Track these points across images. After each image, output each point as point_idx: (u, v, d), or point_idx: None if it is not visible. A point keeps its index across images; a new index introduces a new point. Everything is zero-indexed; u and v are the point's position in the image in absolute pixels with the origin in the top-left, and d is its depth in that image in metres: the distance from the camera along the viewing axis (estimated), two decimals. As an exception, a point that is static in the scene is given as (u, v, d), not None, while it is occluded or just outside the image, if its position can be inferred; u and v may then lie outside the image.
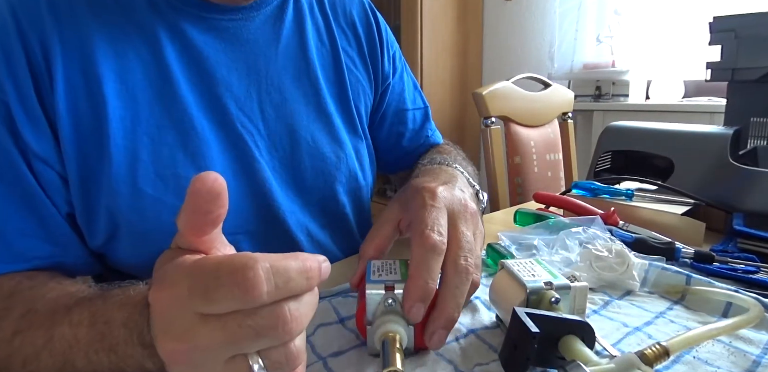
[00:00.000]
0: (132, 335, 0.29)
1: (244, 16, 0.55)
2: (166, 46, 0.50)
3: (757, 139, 0.78)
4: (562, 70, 2.13)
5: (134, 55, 0.49)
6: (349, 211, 0.65)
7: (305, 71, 0.60)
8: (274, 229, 0.57)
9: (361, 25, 0.67)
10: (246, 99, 0.55)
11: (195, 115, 0.51)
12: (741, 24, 0.76)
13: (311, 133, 0.59)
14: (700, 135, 0.73)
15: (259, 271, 0.23)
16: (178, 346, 0.25)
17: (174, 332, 0.25)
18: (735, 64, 0.77)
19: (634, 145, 0.78)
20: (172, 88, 0.50)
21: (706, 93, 1.84)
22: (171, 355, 0.26)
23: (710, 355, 0.35)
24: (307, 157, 0.59)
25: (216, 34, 0.53)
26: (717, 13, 0.81)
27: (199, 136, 0.51)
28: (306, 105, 0.59)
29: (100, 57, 0.47)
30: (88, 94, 0.46)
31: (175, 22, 0.51)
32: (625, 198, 0.67)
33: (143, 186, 0.48)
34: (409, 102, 0.74)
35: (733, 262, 0.50)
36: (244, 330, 0.24)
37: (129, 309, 0.31)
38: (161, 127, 0.49)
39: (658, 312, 0.42)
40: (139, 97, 0.49)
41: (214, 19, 0.53)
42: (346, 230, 0.66)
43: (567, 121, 1.50)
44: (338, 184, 0.62)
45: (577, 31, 2.08)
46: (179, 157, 0.50)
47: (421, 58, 2.21)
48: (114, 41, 0.48)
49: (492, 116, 1.23)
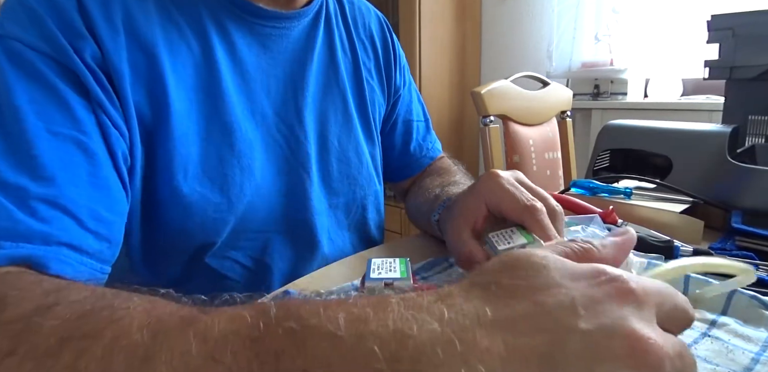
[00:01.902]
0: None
1: (287, 25, 0.56)
2: (215, 43, 0.50)
3: (755, 137, 0.78)
4: (561, 68, 2.13)
5: (186, 48, 0.48)
6: (370, 214, 0.67)
7: (334, 79, 0.62)
8: (302, 230, 0.59)
9: (378, 39, 0.69)
10: (283, 105, 0.56)
11: (240, 117, 0.52)
12: (739, 22, 0.76)
13: (338, 138, 0.62)
14: (699, 133, 0.73)
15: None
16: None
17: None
18: (733, 63, 0.77)
19: (633, 144, 0.78)
20: (220, 87, 0.50)
21: (705, 91, 1.84)
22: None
23: (709, 353, 0.35)
24: (335, 162, 0.61)
25: (258, 40, 0.54)
26: (715, 11, 0.81)
27: (244, 137, 0.52)
28: (335, 112, 0.62)
29: (160, 44, 0.46)
30: (150, 80, 0.45)
31: (223, 21, 0.51)
32: (624, 196, 0.67)
33: (192, 182, 0.48)
34: (415, 114, 0.77)
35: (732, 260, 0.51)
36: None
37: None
38: (210, 124, 0.50)
39: (657, 310, 0.42)
40: (191, 92, 0.49)
41: (259, 24, 0.54)
42: (364, 233, 0.68)
43: (565, 120, 1.50)
44: (360, 188, 0.65)
45: (576, 29, 2.08)
46: (226, 156, 0.50)
47: (420, 57, 2.21)
48: (169, 30, 0.47)
49: (490, 115, 1.23)
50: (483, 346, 0.19)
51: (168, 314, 0.23)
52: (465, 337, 0.19)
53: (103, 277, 0.38)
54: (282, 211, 0.57)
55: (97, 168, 0.39)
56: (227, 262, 0.55)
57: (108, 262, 0.39)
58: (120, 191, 0.42)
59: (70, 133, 0.38)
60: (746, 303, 0.41)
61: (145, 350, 0.21)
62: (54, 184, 0.35)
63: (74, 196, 0.36)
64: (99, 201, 0.38)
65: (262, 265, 0.57)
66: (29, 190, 0.34)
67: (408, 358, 0.18)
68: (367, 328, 0.19)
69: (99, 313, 0.23)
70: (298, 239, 0.59)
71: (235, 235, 0.53)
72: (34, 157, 0.35)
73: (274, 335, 0.20)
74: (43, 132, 0.37)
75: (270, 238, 0.56)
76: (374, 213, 0.68)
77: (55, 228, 0.34)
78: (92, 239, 0.37)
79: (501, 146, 1.27)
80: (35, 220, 0.34)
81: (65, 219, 0.35)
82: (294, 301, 0.22)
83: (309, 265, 0.60)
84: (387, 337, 0.19)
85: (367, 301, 0.21)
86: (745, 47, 0.76)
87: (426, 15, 2.20)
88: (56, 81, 0.39)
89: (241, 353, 0.20)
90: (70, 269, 0.34)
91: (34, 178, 0.35)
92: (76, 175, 0.37)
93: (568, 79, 2.11)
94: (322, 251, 0.61)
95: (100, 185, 0.39)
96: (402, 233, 2.30)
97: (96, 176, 0.39)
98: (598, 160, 0.81)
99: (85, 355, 0.21)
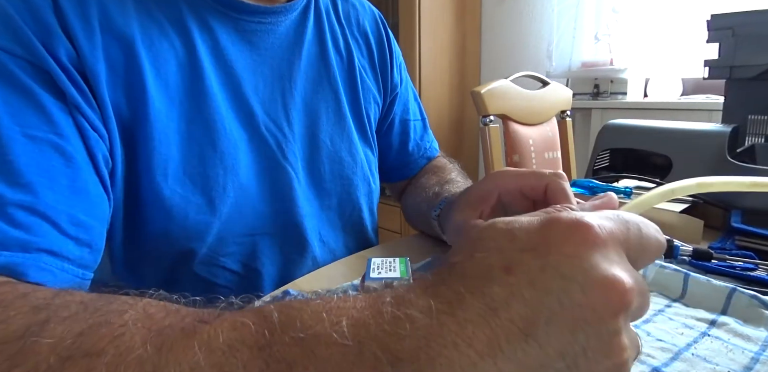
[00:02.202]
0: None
1: (273, 20, 0.55)
2: (198, 40, 0.49)
3: (755, 136, 0.78)
4: (561, 68, 2.13)
5: (168, 45, 0.47)
6: (365, 214, 0.66)
7: (326, 76, 0.60)
8: (291, 231, 0.57)
9: (373, 36, 0.68)
10: (271, 103, 0.55)
11: (225, 115, 0.50)
12: (739, 22, 0.76)
13: (330, 137, 0.60)
14: (698, 133, 0.73)
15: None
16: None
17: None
18: (733, 62, 0.77)
19: (633, 143, 0.78)
20: (203, 85, 0.49)
21: (704, 91, 1.84)
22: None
23: (709, 352, 0.35)
24: (327, 161, 0.60)
25: (243, 37, 0.53)
26: (715, 10, 0.81)
27: (228, 136, 0.50)
28: (326, 110, 0.60)
29: (139, 42, 0.45)
30: (129, 79, 0.44)
31: (205, 18, 0.50)
32: (624, 196, 0.67)
33: (173, 184, 0.47)
34: (412, 113, 0.76)
35: (732, 260, 0.51)
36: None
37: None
38: (191, 124, 0.48)
39: (657, 309, 0.42)
40: (173, 90, 0.47)
41: (243, 20, 0.52)
42: (361, 234, 0.67)
43: (565, 119, 1.50)
44: (354, 188, 0.63)
45: (575, 29, 2.08)
46: (208, 155, 0.49)
47: (420, 56, 2.21)
48: (149, 27, 0.46)
49: (490, 115, 1.23)
50: (469, 331, 0.19)
51: (168, 327, 0.23)
52: (451, 325, 0.19)
53: (84, 282, 0.37)
54: (269, 212, 0.55)
55: (76, 172, 0.38)
56: (216, 269, 0.53)
57: (89, 268, 0.38)
58: (101, 195, 0.41)
59: (47, 136, 0.37)
60: (746, 302, 0.41)
61: (152, 365, 0.21)
62: (31, 190, 0.34)
63: (52, 201, 0.35)
64: (78, 206, 0.37)
65: (252, 271, 0.56)
66: (5, 197, 0.33)
67: (408, 358, 0.19)
68: (368, 334, 0.20)
69: (97, 330, 0.23)
70: (287, 241, 0.57)
71: (222, 239, 0.52)
72: (10, 162, 0.34)
73: (281, 343, 0.20)
74: (18, 136, 0.35)
75: (258, 242, 0.55)
76: (369, 214, 0.67)
77: (33, 234, 0.33)
78: (72, 245, 0.36)
79: (501, 146, 1.27)
80: (12, 227, 0.32)
81: (44, 225, 0.34)
82: (294, 305, 0.22)
83: (299, 268, 0.59)
84: (386, 339, 0.19)
85: (365, 303, 0.21)
86: (745, 47, 0.76)
87: (426, 15, 2.20)
88: (31, 84, 0.38)
89: (251, 363, 0.20)
90: (50, 276, 0.33)
91: (10, 184, 0.33)
92: (54, 179, 0.36)
93: (567, 78, 2.11)
94: (312, 254, 0.59)
95: (79, 189, 0.38)
96: (401, 233, 2.30)
97: (75, 180, 0.38)
98: (597, 159, 0.81)
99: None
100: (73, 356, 0.22)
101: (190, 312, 0.24)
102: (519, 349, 0.19)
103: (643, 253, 0.23)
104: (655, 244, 0.23)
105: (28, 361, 0.22)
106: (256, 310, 0.23)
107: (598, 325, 0.19)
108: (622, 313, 0.20)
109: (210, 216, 0.50)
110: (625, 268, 0.21)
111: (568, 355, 0.19)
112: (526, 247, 0.21)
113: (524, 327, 0.19)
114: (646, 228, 0.23)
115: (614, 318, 0.19)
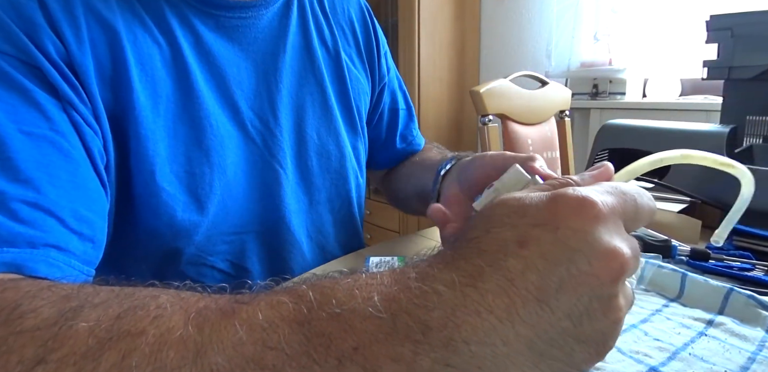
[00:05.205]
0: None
1: (254, 14, 0.54)
2: (180, 37, 0.49)
3: (753, 137, 0.78)
4: (560, 68, 2.13)
5: (152, 43, 0.47)
6: (354, 208, 0.66)
7: (310, 69, 0.59)
8: (279, 229, 0.57)
9: (359, 25, 0.67)
10: (256, 98, 0.54)
11: (212, 111, 0.50)
12: (738, 22, 0.76)
13: (317, 131, 0.59)
14: (697, 133, 0.73)
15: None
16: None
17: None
18: (731, 63, 0.77)
19: (631, 143, 0.78)
20: (189, 82, 0.49)
21: (703, 91, 1.84)
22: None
23: (706, 352, 0.35)
24: (314, 156, 0.59)
25: (224, 32, 0.52)
26: (714, 11, 0.81)
27: (215, 133, 0.50)
28: (312, 103, 0.59)
29: (125, 37, 0.45)
30: (115, 76, 0.44)
31: (186, 15, 0.50)
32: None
33: (160, 182, 0.47)
34: (400, 102, 0.75)
35: (729, 260, 0.51)
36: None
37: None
38: (177, 121, 0.48)
39: (654, 309, 0.42)
40: (159, 87, 0.47)
41: (224, 16, 0.52)
42: (351, 228, 0.66)
43: (564, 119, 1.50)
44: (343, 181, 0.62)
45: (575, 29, 2.08)
46: (194, 153, 0.49)
47: (419, 55, 2.21)
48: (132, 23, 0.46)
49: (489, 114, 1.23)
50: (489, 300, 0.21)
51: (205, 308, 0.23)
52: (473, 295, 0.21)
53: (88, 280, 0.36)
54: (256, 210, 0.54)
55: (75, 167, 0.38)
56: (204, 268, 0.53)
57: (92, 264, 0.38)
58: (99, 190, 0.41)
59: (44, 132, 0.37)
60: (743, 302, 0.41)
61: (196, 344, 0.21)
62: (33, 186, 0.34)
63: (54, 196, 0.35)
64: (79, 201, 0.37)
65: (241, 269, 0.55)
66: (7, 193, 0.33)
67: (437, 327, 0.21)
68: (400, 307, 0.21)
69: (135, 313, 0.23)
70: (275, 239, 0.57)
71: (209, 238, 0.51)
72: (9, 159, 0.34)
73: (318, 319, 0.22)
74: (15, 133, 0.35)
75: (246, 240, 0.55)
76: (357, 207, 0.67)
77: (39, 230, 0.33)
78: (76, 240, 0.35)
79: (500, 145, 1.27)
80: (17, 222, 0.32)
81: (49, 220, 0.34)
82: (325, 284, 0.23)
83: (288, 265, 0.58)
84: (417, 311, 0.21)
85: (391, 279, 0.23)
86: (744, 47, 0.76)
87: (425, 14, 2.20)
88: (24, 82, 0.38)
89: (292, 338, 0.21)
90: (58, 272, 0.33)
91: (11, 180, 0.33)
92: (54, 175, 0.36)
93: (566, 78, 2.11)
94: (300, 250, 0.59)
95: (79, 185, 0.38)
96: (400, 232, 2.30)
97: (74, 176, 0.38)
98: (596, 159, 0.81)
99: (133, 353, 0.21)
100: (113, 337, 0.22)
101: (223, 295, 0.25)
102: (533, 313, 0.21)
103: (637, 221, 0.25)
104: (648, 212, 0.26)
105: (65, 346, 0.22)
106: (290, 289, 0.24)
107: (600, 290, 0.22)
108: (621, 279, 0.22)
109: (197, 214, 0.49)
110: (623, 238, 0.23)
111: (573, 315, 0.21)
112: (538, 222, 0.23)
113: (538, 294, 0.21)
114: (640, 198, 0.25)
115: (614, 283, 0.22)
